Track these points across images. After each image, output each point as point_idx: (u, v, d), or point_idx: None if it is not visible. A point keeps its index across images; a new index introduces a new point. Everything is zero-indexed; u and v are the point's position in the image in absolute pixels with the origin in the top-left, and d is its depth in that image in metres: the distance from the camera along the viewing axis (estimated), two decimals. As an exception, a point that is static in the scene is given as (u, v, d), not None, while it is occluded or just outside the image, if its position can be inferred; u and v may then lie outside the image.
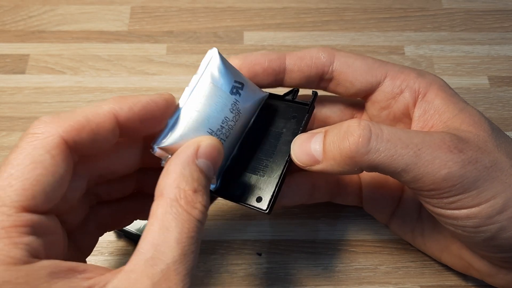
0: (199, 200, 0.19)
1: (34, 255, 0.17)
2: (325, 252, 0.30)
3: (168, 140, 0.21)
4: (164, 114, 0.21)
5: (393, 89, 0.25)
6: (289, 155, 0.23)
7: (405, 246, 0.31)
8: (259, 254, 0.30)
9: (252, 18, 0.40)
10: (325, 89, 0.27)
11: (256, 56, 0.26)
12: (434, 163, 0.20)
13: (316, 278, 0.29)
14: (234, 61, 0.25)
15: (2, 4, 0.41)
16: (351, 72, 0.25)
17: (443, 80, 0.25)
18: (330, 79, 0.26)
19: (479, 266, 0.26)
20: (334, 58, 0.25)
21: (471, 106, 0.24)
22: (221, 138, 0.22)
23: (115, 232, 0.30)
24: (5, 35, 0.39)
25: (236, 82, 0.23)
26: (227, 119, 0.22)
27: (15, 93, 0.36)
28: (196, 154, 0.20)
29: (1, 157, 0.34)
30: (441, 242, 0.27)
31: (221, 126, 0.22)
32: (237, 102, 0.23)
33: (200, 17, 0.40)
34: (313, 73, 0.25)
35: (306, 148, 0.23)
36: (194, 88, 0.22)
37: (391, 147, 0.21)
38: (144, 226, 0.29)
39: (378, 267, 0.30)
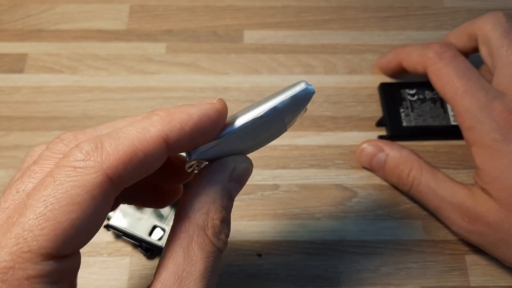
0: (224, 231, 0.18)
1: None
2: (326, 253, 0.30)
3: (212, 152, 0.19)
4: (215, 128, 0.18)
5: None
6: None
7: (407, 246, 0.30)
8: (260, 255, 0.30)
9: (252, 17, 0.40)
10: None
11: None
12: None
13: (317, 279, 0.29)
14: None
15: (0, 3, 0.40)
16: None
17: None
18: None
19: None
20: None
21: None
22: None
23: (113, 232, 0.30)
24: (4, 34, 0.39)
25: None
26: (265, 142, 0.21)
27: (13, 92, 0.36)
28: (230, 176, 0.19)
29: (0, 157, 0.33)
30: None
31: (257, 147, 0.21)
32: (282, 130, 0.21)
33: (199, 15, 0.40)
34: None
35: None
36: (264, 113, 0.19)
37: None
38: (141, 233, 0.29)
39: (380, 268, 0.30)
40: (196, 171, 0.20)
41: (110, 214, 0.30)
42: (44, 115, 0.35)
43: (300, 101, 0.20)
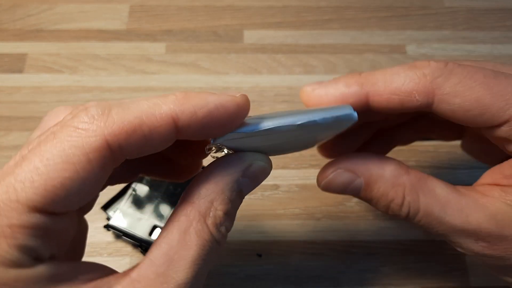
0: (226, 224, 0.18)
1: (38, 259, 0.16)
2: (326, 253, 0.30)
3: (237, 143, 0.18)
4: (232, 121, 0.17)
5: None
6: None
7: (407, 247, 0.30)
8: (260, 255, 0.30)
9: (252, 17, 0.40)
10: None
11: None
12: None
13: (317, 280, 0.29)
14: None
15: (0, 3, 0.40)
16: None
17: None
18: None
19: None
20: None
21: None
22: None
23: (113, 232, 0.30)
24: (3, 34, 0.39)
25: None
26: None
27: (13, 92, 0.36)
28: (243, 172, 0.18)
29: (0, 157, 0.33)
30: None
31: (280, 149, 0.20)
32: (308, 145, 0.21)
33: (199, 15, 0.40)
34: None
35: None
36: (301, 123, 0.18)
37: None
38: (141, 233, 0.29)
39: (380, 268, 0.30)
40: (214, 156, 0.20)
41: (110, 214, 0.30)
42: (44, 115, 0.35)
43: (339, 124, 0.19)
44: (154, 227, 0.29)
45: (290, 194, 0.32)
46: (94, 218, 0.30)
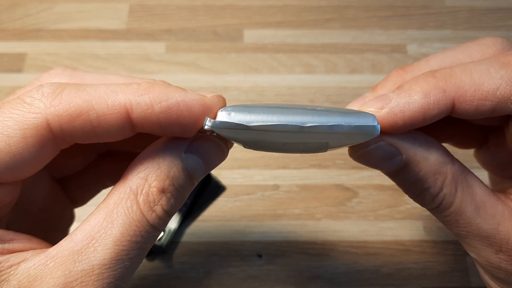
0: (162, 203, 0.16)
1: None
2: (326, 253, 0.30)
3: (236, 134, 0.16)
4: (193, 122, 0.16)
5: None
6: None
7: (407, 247, 0.30)
8: (260, 256, 0.30)
9: (252, 16, 0.40)
10: None
11: None
12: None
13: (317, 280, 0.29)
14: None
15: (-1, 2, 0.40)
16: None
17: None
18: None
19: None
20: None
21: None
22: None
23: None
24: (3, 33, 0.38)
25: None
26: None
27: (12, 92, 0.36)
28: (189, 146, 0.16)
29: None
30: None
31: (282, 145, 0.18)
32: (319, 150, 0.19)
33: (199, 15, 0.40)
34: None
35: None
36: (309, 126, 0.16)
37: None
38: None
39: (380, 268, 0.30)
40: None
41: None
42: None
43: (359, 135, 0.16)
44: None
45: (291, 194, 0.32)
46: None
